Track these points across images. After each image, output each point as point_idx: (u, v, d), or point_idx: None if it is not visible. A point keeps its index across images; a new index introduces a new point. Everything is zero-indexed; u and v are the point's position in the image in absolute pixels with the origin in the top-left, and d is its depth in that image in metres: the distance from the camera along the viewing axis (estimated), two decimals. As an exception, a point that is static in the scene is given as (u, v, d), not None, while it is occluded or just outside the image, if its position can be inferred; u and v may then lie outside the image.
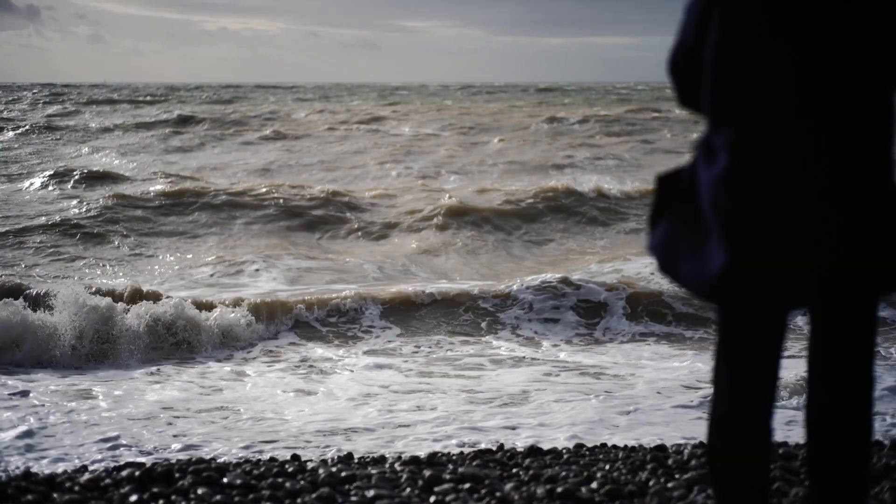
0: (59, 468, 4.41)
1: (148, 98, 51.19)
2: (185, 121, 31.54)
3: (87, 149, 23.98)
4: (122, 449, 4.84)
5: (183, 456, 4.64)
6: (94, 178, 16.78)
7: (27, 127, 29.04)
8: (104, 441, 4.96)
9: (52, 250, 10.85)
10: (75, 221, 12.25)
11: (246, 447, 4.88)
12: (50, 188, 16.06)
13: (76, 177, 16.71)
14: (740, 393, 2.15)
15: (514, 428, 5.25)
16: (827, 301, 2.09)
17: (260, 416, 5.50)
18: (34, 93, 56.37)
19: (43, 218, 12.49)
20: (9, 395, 5.88)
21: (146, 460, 4.47)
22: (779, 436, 4.44)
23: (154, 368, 6.76)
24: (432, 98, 56.32)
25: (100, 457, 4.70)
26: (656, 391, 5.97)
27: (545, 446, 4.68)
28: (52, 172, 17.11)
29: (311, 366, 6.82)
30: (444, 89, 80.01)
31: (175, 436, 5.09)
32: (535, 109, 39.29)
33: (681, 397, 5.82)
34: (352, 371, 6.65)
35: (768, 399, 2.16)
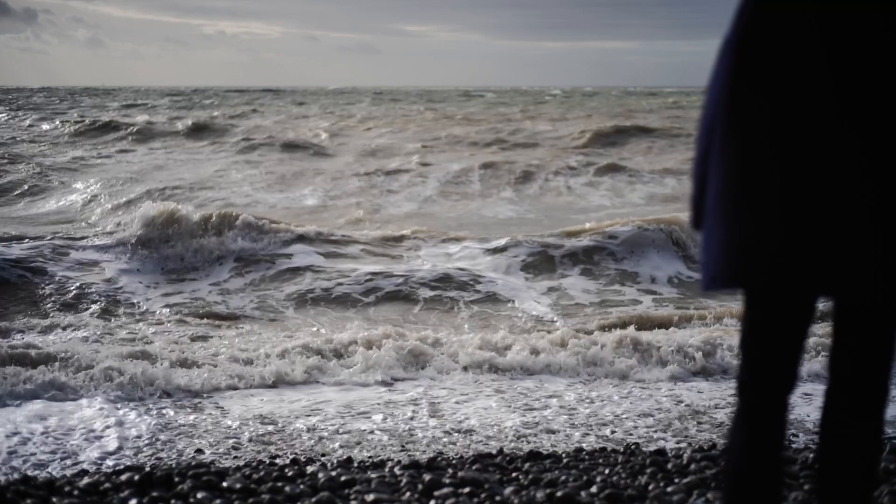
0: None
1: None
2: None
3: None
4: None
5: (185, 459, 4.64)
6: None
7: None
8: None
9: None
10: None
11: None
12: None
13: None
14: (757, 386, 2.16)
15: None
16: (857, 305, 2.08)
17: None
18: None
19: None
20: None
21: (146, 464, 4.46)
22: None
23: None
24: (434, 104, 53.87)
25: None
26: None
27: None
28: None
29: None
30: (431, 93, 79.26)
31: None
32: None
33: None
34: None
35: (784, 394, 2.17)
